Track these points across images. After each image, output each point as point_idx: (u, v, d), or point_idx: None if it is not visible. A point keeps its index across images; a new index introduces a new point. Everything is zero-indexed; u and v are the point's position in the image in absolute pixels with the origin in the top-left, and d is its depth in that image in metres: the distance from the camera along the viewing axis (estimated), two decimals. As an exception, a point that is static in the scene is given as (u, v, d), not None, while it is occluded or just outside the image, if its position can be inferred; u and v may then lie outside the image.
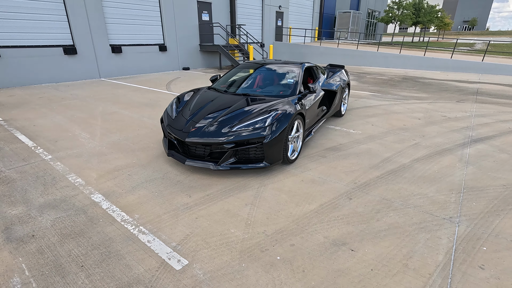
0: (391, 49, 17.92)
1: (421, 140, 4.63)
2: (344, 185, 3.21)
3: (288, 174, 3.44)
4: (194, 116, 3.54)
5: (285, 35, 20.10)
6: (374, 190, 3.11)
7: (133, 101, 7.20)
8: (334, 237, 2.36)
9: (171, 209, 2.74)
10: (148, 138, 4.63)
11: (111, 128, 5.11)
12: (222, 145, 3.17)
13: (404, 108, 6.74)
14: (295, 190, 3.08)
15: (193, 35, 13.87)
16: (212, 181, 3.27)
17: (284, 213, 2.69)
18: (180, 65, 13.73)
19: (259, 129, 3.20)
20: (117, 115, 5.90)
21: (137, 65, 12.05)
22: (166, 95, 7.99)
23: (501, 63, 13.44)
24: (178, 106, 3.90)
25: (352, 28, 24.60)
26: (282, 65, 4.73)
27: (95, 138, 4.62)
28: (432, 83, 10.48)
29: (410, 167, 3.67)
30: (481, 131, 5.10)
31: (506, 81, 11.11)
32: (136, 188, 3.12)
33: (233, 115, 3.44)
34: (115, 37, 11.18)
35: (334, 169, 3.59)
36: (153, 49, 12.52)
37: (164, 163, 3.71)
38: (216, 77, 4.93)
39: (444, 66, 14.20)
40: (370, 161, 3.82)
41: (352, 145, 4.38)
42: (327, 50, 17.31)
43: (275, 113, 3.36)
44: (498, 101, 7.59)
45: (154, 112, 6.19)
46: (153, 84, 9.79)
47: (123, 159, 3.83)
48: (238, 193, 3.03)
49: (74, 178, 3.31)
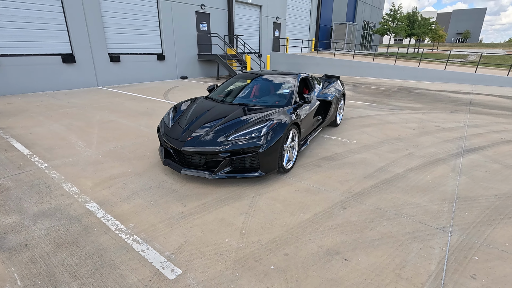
0: (386, 60, 18.23)
1: (415, 150, 4.69)
2: (338, 194, 3.23)
3: (283, 183, 3.47)
4: (191, 125, 3.57)
5: (282, 45, 20.41)
6: (368, 199, 3.14)
7: (130, 109, 7.24)
8: (328, 246, 2.38)
9: (166, 218, 2.75)
10: (144, 147, 4.65)
11: (108, 136, 5.13)
12: (218, 154, 3.20)
13: (399, 118, 6.84)
14: (290, 200, 3.10)
15: (191, 44, 14.05)
16: (207, 190, 3.29)
17: (278, 222, 2.70)
18: (178, 74, 13.86)
19: (255, 139, 3.23)
20: (114, 124, 5.93)
21: (135, 74, 12.15)
22: (163, 104, 8.04)
23: (493, 74, 13.71)
24: (175, 115, 3.94)
25: (348, 39, 25.04)
26: (278, 75, 4.81)
27: (92, 146, 4.63)
28: (427, 93, 10.65)
29: (403, 176, 3.71)
30: (474, 141, 5.18)
31: (497, 92, 11.32)
32: (132, 197, 3.12)
33: (229, 125, 3.48)
34: (114, 46, 11.30)
35: (329, 179, 3.62)
36: (151, 58, 12.65)
37: (160, 172, 3.73)
38: (213, 87, 4.99)
39: (438, 77, 14.45)
40: (364, 171, 3.86)
41: (347, 155, 4.43)
42: (323, 61, 17.57)
43: (270, 122, 3.41)
44: (491, 111, 7.72)
45: (151, 121, 6.22)
46: (150, 93, 9.86)
47: (119, 168, 3.84)
48: (233, 202, 3.04)
49: (69, 186, 3.31)
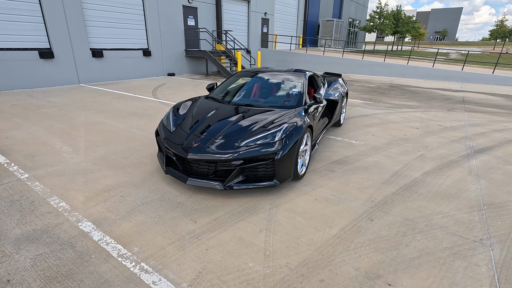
0: (375, 57, 18.31)
1: (425, 151, 4.53)
2: (361, 204, 2.98)
3: (299, 192, 3.18)
4: (196, 129, 3.21)
5: (270, 41, 20.08)
6: (393, 209, 2.90)
7: (118, 109, 6.72)
8: (365, 268, 2.11)
9: (176, 238, 2.39)
10: (139, 151, 4.23)
11: (96, 140, 4.65)
12: (230, 162, 2.86)
13: (399, 117, 6.71)
14: (310, 212, 2.82)
15: (178, 40, 13.47)
16: (217, 202, 2.95)
17: (304, 240, 2.41)
18: (165, 70, 13.26)
19: (270, 144, 2.92)
20: (102, 126, 5.43)
21: (119, 70, 11.47)
22: (153, 102, 7.55)
23: (479, 72, 14.01)
24: (176, 118, 3.55)
25: (335, 36, 25.05)
26: (284, 73, 4.49)
27: (79, 152, 4.15)
28: (419, 91, 10.67)
29: (422, 181, 3.51)
30: (480, 141, 5.10)
31: (485, 89, 11.53)
32: (132, 212, 2.73)
33: (239, 128, 3.14)
34: (96, 41, 10.59)
35: (346, 185, 3.37)
36: (137, 54, 12.00)
37: (160, 181, 3.34)
38: (213, 86, 4.62)
39: (426, 75, 14.62)
40: (381, 176, 3.64)
41: (358, 158, 4.20)
42: (313, 58, 17.40)
43: (285, 126, 3.10)
44: (486, 109, 7.76)
45: (143, 121, 5.76)
46: (138, 90, 9.29)
47: (113, 177, 3.42)
48: (248, 216, 2.72)
49: (57, 202, 2.88)
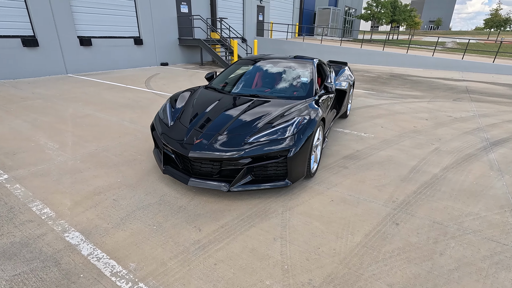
0: (374, 46, 17.95)
1: (439, 144, 4.26)
2: (381, 205, 2.70)
3: (312, 192, 2.88)
4: (196, 124, 2.86)
5: (266, 30, 19.50)
6: (418, 210, 2.63)
7: (109, 101, 6.28)
8: (400, 284, 1.83)
9: (179, 251, 2.07)
10: (133, 148, 3.86)
11: (86, 135, 4.26)
12: (237, 161, 2.54)
13: (406, 107, 6.43)
14: (327, 215, 2.53)
15: (171, 28, 12.87)
16: (223, 205, 2.63)
17: (326, 249, 2.12)
18: (158, 60, 12.70)
19: (282, 140, 2.59)
20: (91, 119, 5.01)
21: (110, 59, 10.90)
22: (146, 94, 7.11)
23: (479, 61, 13.79)
24: (174, 111, 3.18)
25: (331, 25, 24.52)
26: (290, 61, 4.13)
27: (66, 149, 3.77)
28: (421, 80, 10.41)
29: (443, 178, 3.25)
30: (494, 133, 4.85)
31: (486, 79, 11.33)
32: (127, 219, 2.40)
33: (245, 123, 2.81)
34: (84, 28, 9.98)
35: (363, 184, 3.08)
36: (128, 42, 11.41)
37: (158, 182, 3.00)
38: (212, 75, 4.24)
39: (426, 64, 14.36)
40: (398, 172, 3.36)
41: (370, 152, 3.91)
42: (310, 47, 16.96)
43: (297, 119, 2.77)
44: (492, 99, 7.54)
45: (136, 114, 5.36)
46: (130, 81, 8.81)
47: (104, 178, 3.06)
48: (259, 222, 2.41)
49: (40, 207, 2.52)
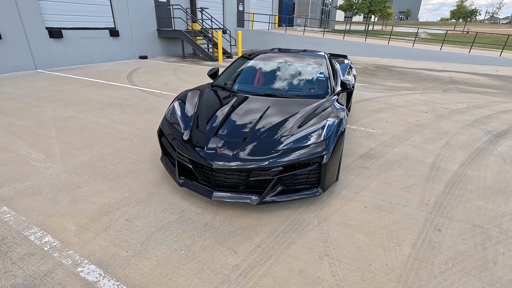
0: (354, 37, 18.07)
1: (448, 138, 4.25)
2: (416, 208, 2.58)
3: (342, 198, 2.70)
4: (215, 129, 2.55)
5: (246, 20, 18.99)
6: (453, 212, 2.53)
7: (91, 100, 5.72)
8: (468, 302, 1.70)
9: (219, 280, 1.81)
10: (132, 154, 3.47)
11: (74, 141, 3.79)
12: (268, 171, 2.28)
13: (402, 100, 6.44)
14: (366, 224, 2.36)
15: (149, 18, 12.09)
16: (251, 219, 2.38)
17: (378, 266, 1.95)
18: (136, 53, 11.92)
19: (314, 145, 2.37)
20: (76, 121, 4.50)
21: (84, 53, 10.04)
22: (132, 90, 6.58)
23: (456, 52, 14.29)
24: (185, 114, 2.84)
25: (311, 15, 24.42)
26: (299, 55, 3.87)
27: (55, 159, 3.31)
28: (406, 72, 10.56)
29: (464, 175, 3.20)
30: (493, 124, 4.94)
31: (465, 69, 11.73)
32: (148, 244, 2.09)
33: (270, 126, 2.55)
34: (53, 19, 9.06)
35: (389, 186, 2.95)
36: (103, 34, 10.56)
37: (172, 195, 2.68)
38: (215, 71, 3.90)
39: (406, 55, 14.66)
40: (419, 171, 3.26)
41: (385, 150, 3.80)
42: (293, 38, 16.74)
43: (328, 121, 2.56)
44: (478, 90, 7.76)
45: (126, 115, 4.89)
46: (109, 76, 8.15)
47: (108, 193, 2.69)
48: (297, 237, 2.19)
49: (39, 236, 2.13)
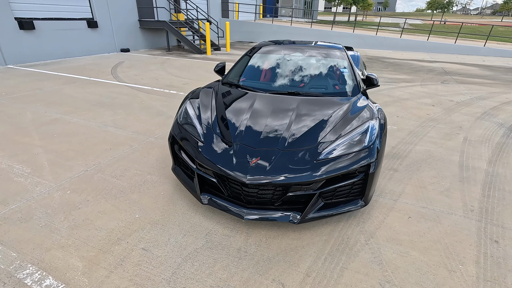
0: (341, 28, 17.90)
1: (465, 133, 4.09)
2: (463, 216, 2.36)
3: (381, 208, 2.44)
4: (242, 137, 2.19)
5: (231, 11, 18.34)
6: (503, 219, 2.33)
7: (76, 99, 5.14)
8: (563, 334, 1.48)
9: (273, 326, 1.49)
10: (134, 163, 3.04)
11: (63, 149, 3.30)
12: (311, 184, 1.96)
13: (406, 93, 6.28)
14: (418, 239, 2.10)
15: (129, 8, 11.28)
16: (290, 240, 2.06)
17: (449, 293, 1.70)
18: (117, 45, 11.13)
19: (359, 153, 2.07)
20: (62, 125, 3.97)
21: (59, 46, 9.21)
22: (120, 87, 6.01)
23: (443, 42, 14.44)
24: (202, 118, 2.44)
25: (295, 6, 24.01)
26: (318, 48, 3.53)
27: (43, 172, 2.82)
28: (399, 63, 10.49)
29: (497, 174, 3.02)
30: (502, 117, 4.86)
31: (454, 59, 11.85)
32: (176, 281, 1.72)
33: (305, 132, 2.21)
34: (23, 8, 8.19)
35: (425, 190, 2.72)
36: (80, 25, 9.72)
37: (190, 213, 2.31)
38: (223, 66, 3.50)
39: (394, 45, 14.66)
40: (449, 171, 3.06)
41: (407, 148, 3.58)
42: (280, 29, 16.33)
43: (370, 124, 2.26)
44: (474, 80, 7.76)
45: (119, 116, 4.39)
46: (91, 72, 7.47)
47: (114, 214, 2.28)
48: (348, 260, 1.90)
49: (37, 277, 1.72)
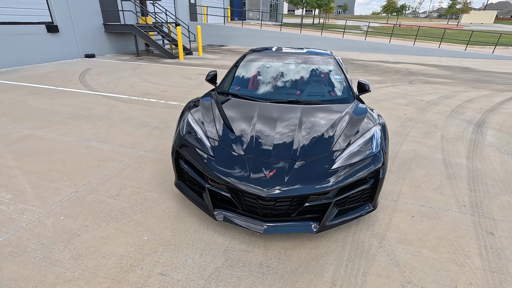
0: (310, 31, 18.43)
1: (441, 131, 4.41)
2: (458, 212, 2.53)
3: (385, 209, 2.54)
4: (253, 148, 2.15)
5: (199, 14, 18.07)
6: (491, 211, 2.54)
7: (46, 112, 4.73)
8: None
9: None
10: (128, 179, 2.87)
11: (44, 170, 3.01)
12: (327, 194, 1.98)
13: (380, 94, 6.62)
14: (425, 238, 2.22)
15: (93, 11, 10.65)
16: (308, 249, 2.07)
17: (463, 286, 1.81)
18: (81, 51, 10.45)
19: (370, 159, 2.13)
20: (36, 142, 3.63)
21: (14, 53, 8.43)
22: (93, 97, 5.64)
23: (402, 44, 15.47)
24: (207, 130, 2.36)
25: (262, 9, 24.30)
26: (310, 54, 3.58)
27: (27, 197, 2.55)
28: (367, 64, 11.04)
29: (477, 169, 3.29)
30: (468, 114, 5.30)
31: (415, 60, 12.74)
32: (203, 306, 1.65)
33: (315, 141, 2.22)
34: (-29, 11, 7.39)
35: (420, 189, 2.88)
36: (38, 29, 8.98)
37: (201, 229, 2.22)
38: (214, 74, 3.43)
39: (359, 47, 15.41)
40: (436, 169, 3.27)
41: (395, 148, 3.77)
42: (250, 32, 16.43)
43: (373, 130, 2.34)
44: (437, 80, 8.40)
45: (100, 129, 4.12)
46: (56, 80, 6.93)
47: (120, 238, 2.12)
48: (367, 265, 1.95)
49: (47, 320, 1.54)
